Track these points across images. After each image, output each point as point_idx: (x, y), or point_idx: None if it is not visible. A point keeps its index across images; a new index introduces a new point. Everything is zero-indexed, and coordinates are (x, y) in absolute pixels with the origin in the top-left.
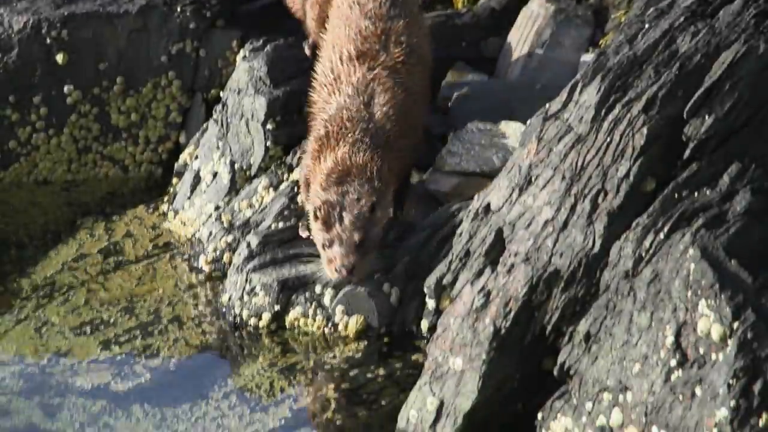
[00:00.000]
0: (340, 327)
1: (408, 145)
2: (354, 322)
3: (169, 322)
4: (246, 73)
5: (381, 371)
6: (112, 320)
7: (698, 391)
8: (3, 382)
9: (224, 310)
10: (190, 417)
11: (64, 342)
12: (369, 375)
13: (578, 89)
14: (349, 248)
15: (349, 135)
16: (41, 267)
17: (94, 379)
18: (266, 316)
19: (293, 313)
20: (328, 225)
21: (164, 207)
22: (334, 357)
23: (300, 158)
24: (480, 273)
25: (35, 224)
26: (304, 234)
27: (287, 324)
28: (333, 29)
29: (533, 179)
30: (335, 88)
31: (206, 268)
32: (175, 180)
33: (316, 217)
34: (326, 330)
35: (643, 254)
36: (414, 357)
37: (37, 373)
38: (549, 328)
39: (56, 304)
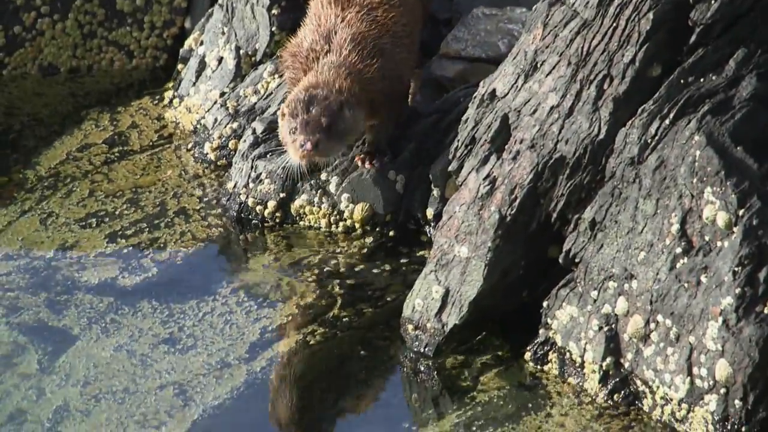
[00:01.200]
0: (346, 214)
1: (384, 84)
2: (359, 210)
3: (175, 214)
4: None
5: (387, 267)
6: (117, 212)
7: (703, 278)
8: (10, 276)
9: (230, 197)
10: (198, 312)
11: (70, 235)
12: (375, 271)
13: None
14: (315, 127)
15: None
16: (46, 158)
17: (100, 274)
18: (271, 204)
19: (299, 201)
20: (294, 115)
21: (169, 94)
22: (341, 253)
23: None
24: (485, 160)
25: (40, 114)
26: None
27: (293, 211)
28: None
29: (539, 65)
30: (314, 31)
31: (212, 155)
32: (180, 66)
33: (283, 115)
34: (332, 218)
35: (649, 141)
36: (420, 253)
37: (43, 267)
38: (554, 215)
39: (61, 196)
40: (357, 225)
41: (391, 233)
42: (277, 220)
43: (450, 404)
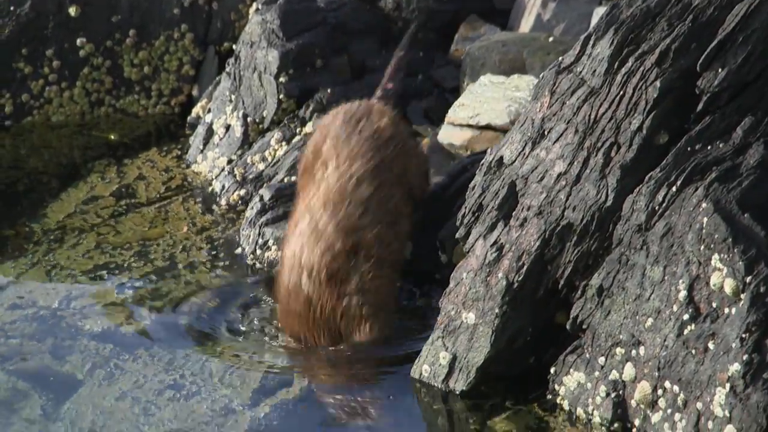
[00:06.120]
0: None
1: None
2: None
3: (182, 266)
4: (259, 26)
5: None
6: (125, 264)
7: (711, 345)
8: (15, 324)
9: (237, 258)
10: (201, 359)
11: (76, 285)
12: None
13: (591, 42)
14: None
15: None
16: (53, 210)
17: (105, 322)
18: None
19: None
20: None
21: (176, 153)
22: None
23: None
24: (493, 227)
25: (47, 167)
26: None
27: None
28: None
29: (546, 133)
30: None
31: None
32: (187, 133)
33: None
34: None
35: (656, 208)
36: (428, 312)
37: (48, 316)
38: (562, 282)
39: (68, 248)
40: None
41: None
42: None
43: None
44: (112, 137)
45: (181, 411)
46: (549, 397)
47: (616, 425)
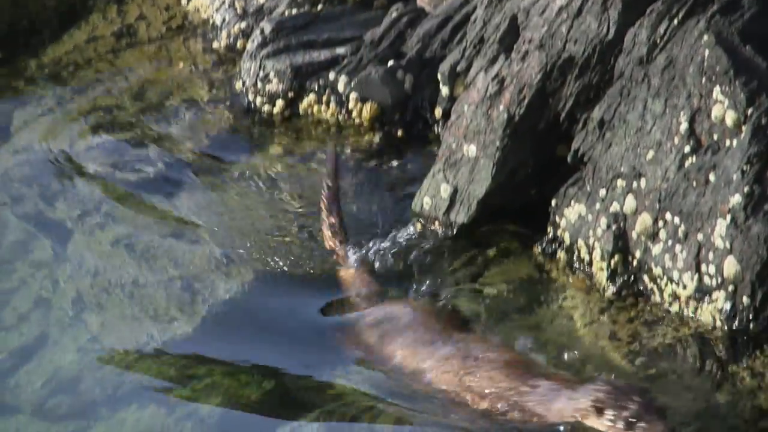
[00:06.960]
0: (354, 113)
1: None
2: (368, 108)
3: (182, 106)
4: None
5: (395, 162)
6: (125, 104)
7: (712, 177)
8: (10, 170)
9: (238, 96)
10: (202, 205)
11: (74, 127)
12: (384, 166)
13: None
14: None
15: None
16: (53, 50)
17: (103, 165)
18: (280, 103)
19: (307, 100)
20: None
21: None
22: (350, 147)
23: None
24: (494, 60)
25: (47, 7)
26: None
27: (301, 111)
28: None
29: None
30: None
31: (221, 52)
32: None
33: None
34: (340, 117)
35: (658, 41)
36: (429, 148)
37: (43, 160)
38: (563, 114)
39: (68, 88)
40: (365, 124)
41: (400, 133)
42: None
43: (459, 299)
44: None
45: (183, 258)
46: (550, 230)
47: (616, 257)
